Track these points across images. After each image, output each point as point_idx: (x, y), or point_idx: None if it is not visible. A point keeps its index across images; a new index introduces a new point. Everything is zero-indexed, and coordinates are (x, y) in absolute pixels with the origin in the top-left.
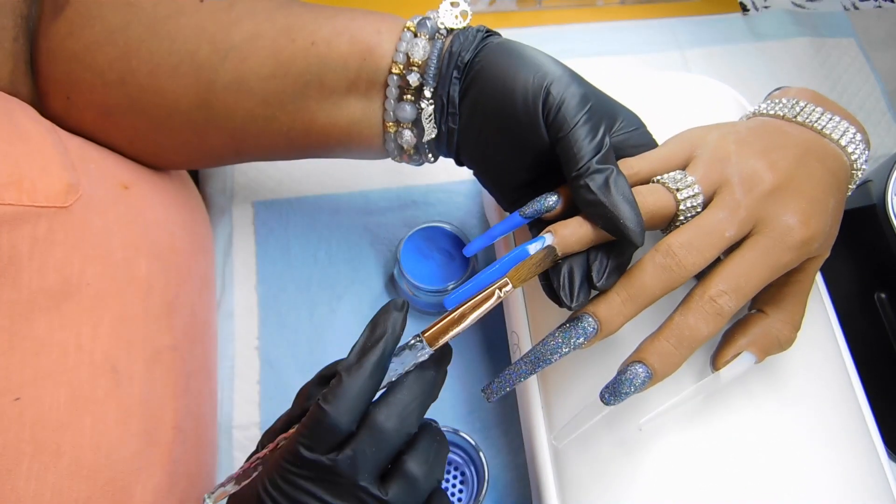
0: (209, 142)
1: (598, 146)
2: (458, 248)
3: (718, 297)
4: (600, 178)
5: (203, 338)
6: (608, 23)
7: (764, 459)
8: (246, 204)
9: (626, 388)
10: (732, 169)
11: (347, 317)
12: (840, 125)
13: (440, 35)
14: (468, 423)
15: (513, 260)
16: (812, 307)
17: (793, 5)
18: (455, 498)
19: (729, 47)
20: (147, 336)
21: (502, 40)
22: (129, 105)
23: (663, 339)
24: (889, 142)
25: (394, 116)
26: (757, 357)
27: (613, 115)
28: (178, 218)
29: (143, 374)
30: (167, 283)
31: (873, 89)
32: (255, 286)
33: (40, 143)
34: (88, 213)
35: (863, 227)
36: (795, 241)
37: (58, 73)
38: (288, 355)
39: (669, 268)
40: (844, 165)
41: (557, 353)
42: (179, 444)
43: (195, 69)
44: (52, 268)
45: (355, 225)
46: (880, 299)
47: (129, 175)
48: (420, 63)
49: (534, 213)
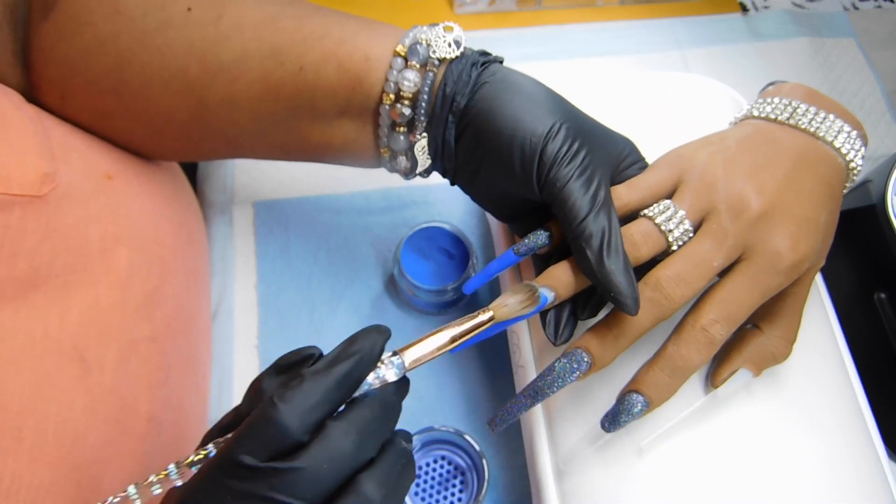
0: (206, 146)
1: (592, 202)
2: (458, 248)
3: (710, 327)
4: (595, 244)
5: (188, 330)
6: (608, 23)
7: (764, 459)
8: (246, 204)
9: (624, 417)
10: (720, 195)
11: (347, 317)
12: (834, 125)
13: (432, 66)
14: (468, 424)
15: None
16: (812, 307)
17: (793, 5)
18: (455, 498)
19: (729, 47)
20: (123, 326)
21: (497, 79)
22: (124, 112)
23: (658, 370)
24: (889, 142)
25: (387, 144)
26: (753, 373)
27: (612, 157)
28: (164, 210)
29: (115, 364)
30: (149, 274)
31: (873, 89)
32: (255, 286)
33: (19, 130)
34: (65, 202)
35: (863, 227)
36: (785, 265)
37: (51, 73)
38: None
39: (658, 301)
40: (838, 168)
41: (554, 387)
42: (154, 437)
43: (187, 86)
44: (22, 257)
45: (355, 225)
46: (880, 299)
47: (114, 165)
48: (410, 95)
49: (527, 251)
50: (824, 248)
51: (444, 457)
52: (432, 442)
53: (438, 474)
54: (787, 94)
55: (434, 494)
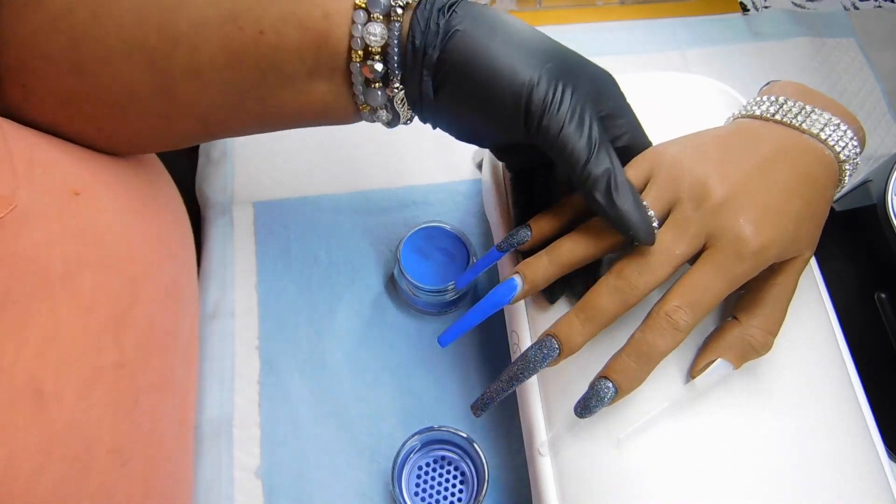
0: (177, 127)
1: (589, 145)
2: (458, 248)
3: (674, 313)
4: (603, 185)
5: (164, 350)
6: (608, 23)
7: (764, 459)
8: (246, 204)
9: (594, 402)
10: (684, 185)
11: (347, 317)
12: (821, 118)
13: (395, 15)
14: (468, 423)
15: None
16: (812, 307)
17: (793, 5)
18: (455, 498)
19: (729, 47)
20: (85, 354)
21: (468, 26)
22: (87, 93)
23: (625, 356)
24: (889, 142)
25: (364, 101)
26: (732, 364)
27: (595, 88)
28: (138, 224)
29: (76, 396)
30: (118, 295)
31: (873, 89)
32: (255, 286)
33: None
34: (25, 225)
35: (863, 227)
36: (748, 250)
37: (10, 59)
38: (288, 355)
39: (622, 289)
40: (825, 160)
41: (528, 373)
42: (118, 468)
43: (147, 57)
44: None
45: (355, 225)
46: (880, 299)
47: (83, 179)
48: (379, 49)
49: (508, 247)
50: (805, 238)
51: (444, 457)
52: (432, 442)
53: (438, 474)
54: (778, 92)
55: (434, 495)
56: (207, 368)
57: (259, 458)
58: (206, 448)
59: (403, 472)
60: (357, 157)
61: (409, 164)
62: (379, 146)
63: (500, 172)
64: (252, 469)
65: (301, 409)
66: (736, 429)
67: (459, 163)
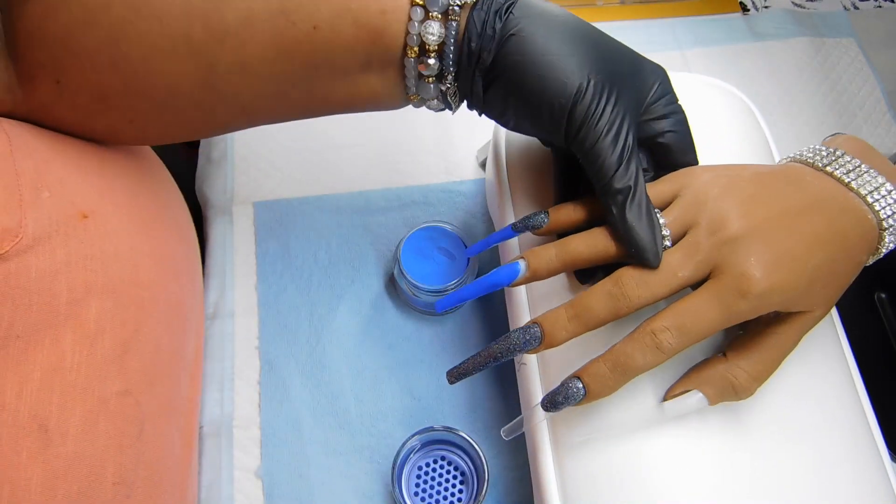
0: (217, 118)
1: (620, 159)
2: (458, 248)
3: (659, 332)
4: (620, 200)
5: (169, 373)
6: (608, 23)
7: (765, 459)
8: (246, 204)
9: (560, 398)
10: (706, 212)
11: (347, 317)
12: (874, 180)
13: (454, 14)
14: (468, 423)
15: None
16: None
17: (793, 5)
18: (455, 498)
19: (729, 47)
20: (90, 385)
21: (523, 31)
22: (125, 88)
23: (601, 362)
24: (889, 142)
25: (416, 92)
26: (708, 399)
27: (641, 95)
28: (145, 245)
29: (80, 429)
30: (123, 321)
31: (873, 89)
32: (255, 286)
33: None
34: (30, 255)
35: None
36: (751, 290)
37: (42, 57)
38: (288, 355)
39: (615, 296)
40: (864, 223)
41: (507, 354)
42: (122, 500)
43: (192, 52)
44: None
45: (355, 225)
46: (880, 299)
47: (91, 201)
48: (436, 48)
49: (524, 228)
50: (820, 295)
51: (444, 457)
52: (432, 442)
53: (438, 474)
54: (839, 145)
55: (434, 495)
56: (207, 369)
57: (259, 458)
58: (206, 448)
59: (403, 472)
60: (357, 157)
61: (409, 164)
62: (379, 146)
63: (504, 171)
64: (252, 469)
65: (301, 409)
66: (736, 429)
67: (459, 163)
